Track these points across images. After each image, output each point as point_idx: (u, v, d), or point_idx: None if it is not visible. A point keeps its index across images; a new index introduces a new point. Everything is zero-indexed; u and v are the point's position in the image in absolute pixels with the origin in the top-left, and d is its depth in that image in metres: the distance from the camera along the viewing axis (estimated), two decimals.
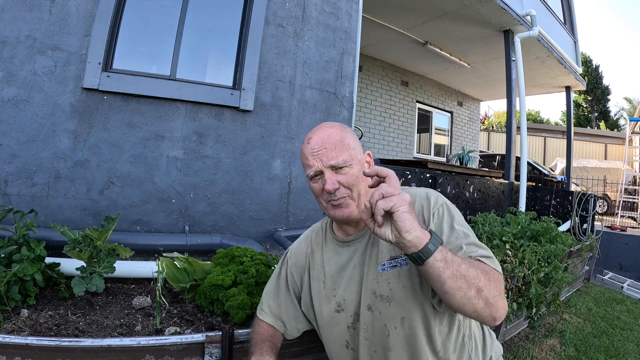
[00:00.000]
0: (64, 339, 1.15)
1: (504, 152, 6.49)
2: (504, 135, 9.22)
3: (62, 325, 1.41)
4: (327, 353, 1.16)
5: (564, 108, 18.03)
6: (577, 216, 4.95)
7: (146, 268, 1.89)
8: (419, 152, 8.50)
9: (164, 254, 1.72)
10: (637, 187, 10.27)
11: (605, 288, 4.74)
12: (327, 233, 1.16)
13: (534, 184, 8.14)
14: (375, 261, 1.01)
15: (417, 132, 8.41)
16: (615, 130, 21.02)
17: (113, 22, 2.34)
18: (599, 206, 10.48)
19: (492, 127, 21.24)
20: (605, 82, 23.75)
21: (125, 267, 1.86)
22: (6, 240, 1.57)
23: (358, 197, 1.01)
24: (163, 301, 1.56)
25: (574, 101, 12.01)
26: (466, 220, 1.07)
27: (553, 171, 11.64)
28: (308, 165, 1.01)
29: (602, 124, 22.49)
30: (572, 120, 8.10)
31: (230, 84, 2.67)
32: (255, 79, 2.68)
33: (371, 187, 0.86)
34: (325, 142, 0.99)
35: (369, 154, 1.08)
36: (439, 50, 6.50)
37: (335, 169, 0.99)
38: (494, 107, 36.95)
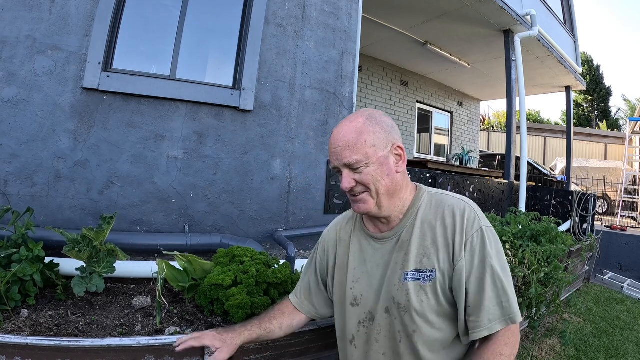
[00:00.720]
0: (64, 339, 1.15)
1: (504, 152, 6.49)
2: (504, 135, 9.21)
3: (62, 325, 1.41)
4: (338, 344, 1.16)
5: (564, 108, 18.01)
6: (577, 216, 4.95)
7: (146, 268, 1.89)
8: (419, 152, 8.51)
9: (164, 253, 1.72)
10: (637, 187, 10.26)
11: (605, 288, 4.73)
12: (357, 223, 1.15)
13: (534, 184, 8.15)
14: (401, 267, 0.99)
15: (417, 132, 8.41)
16: (616, 130, 21.01)
17: (113, 22, 2.34)
18: (599, 206, 10.47)
19: (492, 127, 21.23)
20: (605, 82, 23.74)
21: (125, 267, 1.86)
22: (5, 240, 1.57)
23: (377, 195, 0.99)
24: (163, 301, 1.56)
25: (574, 101, 12.01)
26: None
27: (553, 171, 11.63)
28: (330, 160, 1.02)
29: (603, 124, 22.47)
30: (572, 120, 8.10)
31: (230, 84, 2.67)
32: (255, 79, 2.68)
33: None
34: (339, 141, 0.97)
35: (399, 147, 1.00)
36: (439, 50, 6.50)
37: (350, 167, 0.97)
38: (494, 107, 36.95)
